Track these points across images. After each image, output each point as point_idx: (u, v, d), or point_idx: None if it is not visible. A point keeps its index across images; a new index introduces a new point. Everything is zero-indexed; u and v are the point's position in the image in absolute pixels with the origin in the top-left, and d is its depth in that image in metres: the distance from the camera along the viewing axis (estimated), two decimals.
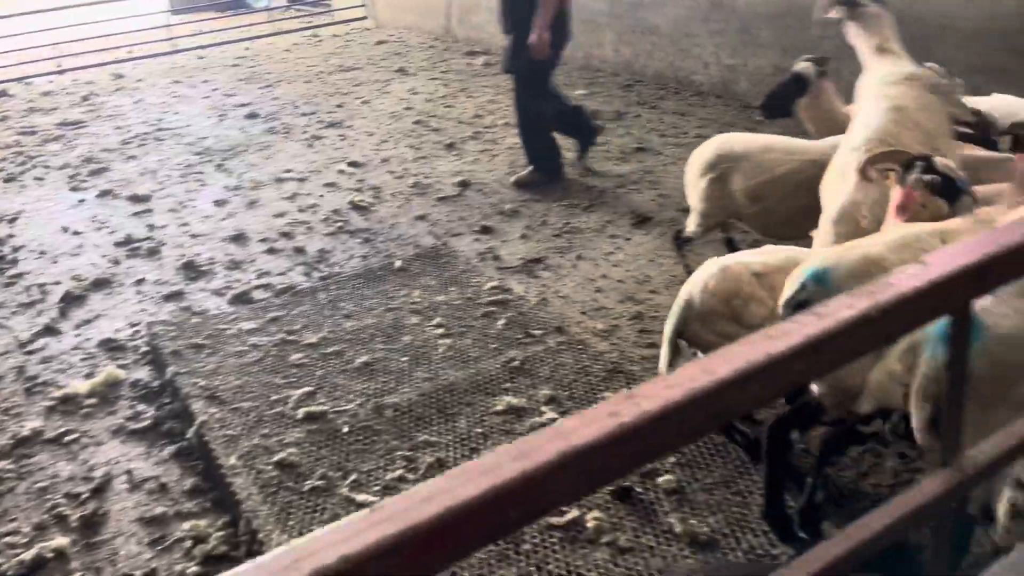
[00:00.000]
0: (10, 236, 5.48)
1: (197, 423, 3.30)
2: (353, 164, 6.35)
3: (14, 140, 7.58)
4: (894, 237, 2.39)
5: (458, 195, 5.65)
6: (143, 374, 3.82)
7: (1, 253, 5.22)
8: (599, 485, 0.77)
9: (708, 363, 0.83)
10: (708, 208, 3.86)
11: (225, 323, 4.07)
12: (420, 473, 2.94)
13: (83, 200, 6.04)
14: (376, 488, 2.90)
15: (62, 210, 5.89)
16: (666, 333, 2.82)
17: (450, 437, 3.14)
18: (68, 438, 3.40)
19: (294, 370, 3.61)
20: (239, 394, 3.46)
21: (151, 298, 4.54)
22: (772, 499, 2.51)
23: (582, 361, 3.57)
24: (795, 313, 0.92)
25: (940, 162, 2.54)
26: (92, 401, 3.63)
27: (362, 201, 5.61)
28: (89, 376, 3.81)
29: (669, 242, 4.45)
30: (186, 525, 2.88)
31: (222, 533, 2.83)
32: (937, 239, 2.30)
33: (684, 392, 0.79)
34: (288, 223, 5.38)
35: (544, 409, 3.25)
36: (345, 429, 3.19)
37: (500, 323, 3.91)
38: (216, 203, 5.81)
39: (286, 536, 2.68)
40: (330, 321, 4.01)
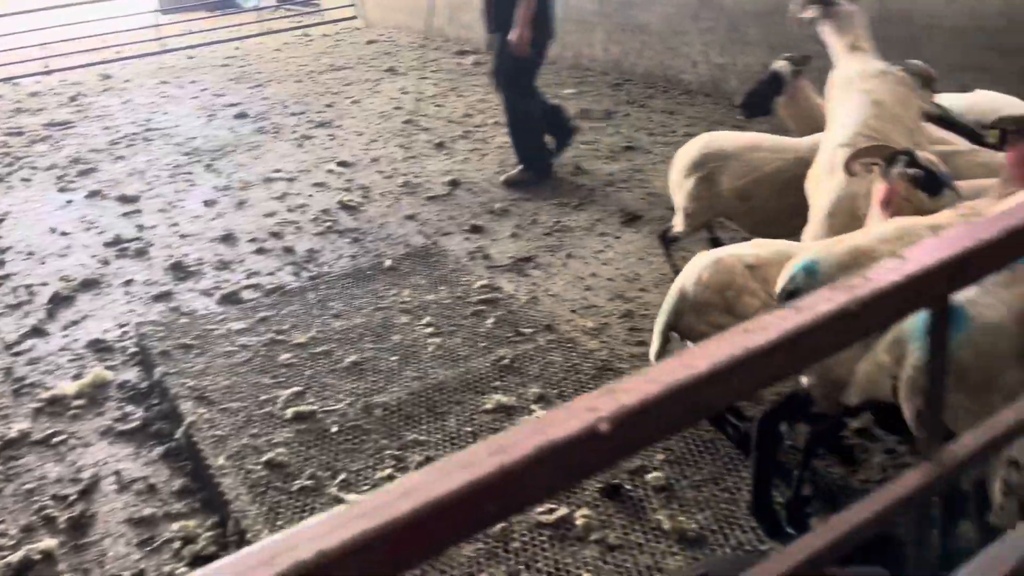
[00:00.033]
0: None
1: (186, 423, 3.29)
2: (342, 164, 6.34)
3: (1, 141, 7.54)
4: (884, 230, 2.40)
5: (448, 194, 5.65)
6: (131, 375, 3.81)
7: None
8: (578, 480, 0.77)
9: (687, 357, 0.83)
10: (695, 208, 3.86)
11: (214, 323, 4.06)
12: (410, 472, 2.94)
13: (71, 201, 6.02)
14: (365, 488, 2.90)
15: (50, 211, 5.86)
16: (658, 325, 2.82)
17: (439, 436, 3.14)
18: (56, 439, 3.39)
19: (283, 370, 3.60)
20: (228, 394, 3.45)
21: (140, 299, 4.52)
22: (760, 493, 2.52)
23: (572, 359, 3.57)
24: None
25: (922, 156, 2.56)
26: (80, 402, 3.61)
27: (351, 201, 5.60)
28: (77, 377, 3.79)
29: (658, 241, 4.46)
30: (175, 526, 2.87)
31: (211, 533, 2.83)
32: (927, 232, 2.32)
33: (662, 387, 0.79)
34: (277, 223, 5.37)
35: (534, 407, 3.25)
36: (334, 429, 3.19)
37: (490, 322, 3.91)
38: (205, 203, 5.79)
39: None
40: (319, 321, 4.00)
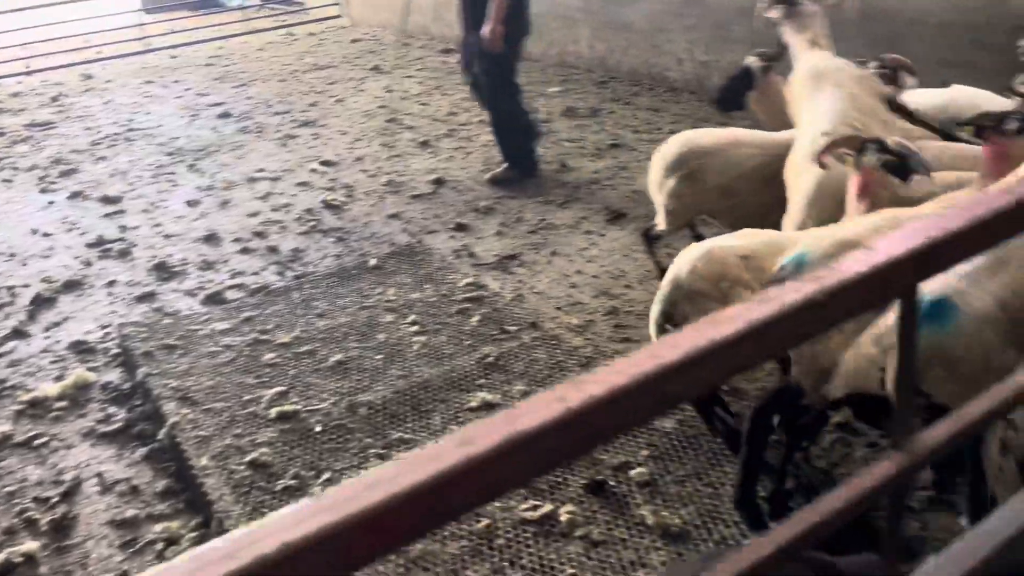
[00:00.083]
0: None
1: (169, 424, 3.28)
2: (326, 163, 6.32)
3: None
4: (871, 221, 2.42)
5: (433, 193, 5.64)
6: (114, 376, 3.79)
7: None
8: (546, 470, 0.77)
9: (655, 348, 0.83)
10: (678, 206, 3.85)
11: (197, 324, 4.04)
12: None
13: (53, 202, 5.97)
14: None
15: (31, 212, 5.81)
16: (653, 316, 2.83)
17: (424, 434, 3.14)
18: (37, 442, 3.37)
19: (267, 370, 3.59)
20: (211, 395, 3.44)
21: (122, 299, 4.50)
22: (746, 485, 2.53)
23: (556, 356, 3.58)
24: None
25: (892, 141, 2.60)
26: (62, 404, 3.59)
27: (335, 200, 5.59)
28: (59, 379, 3.77)
29: (640, 239, 4.46)
30: (158, 527, 2.86)
31: (194, 534, 2.82)
32: None
33: (630, 377, 0.79)
34: (261, 223, 5.35)
35: (518, 405, 3.25)
36: (318, 428, 3.18)
37: (475, 320, 3.91)
38: (188, 203, 5.76)
39: None
40: (303, 320, 3.99)
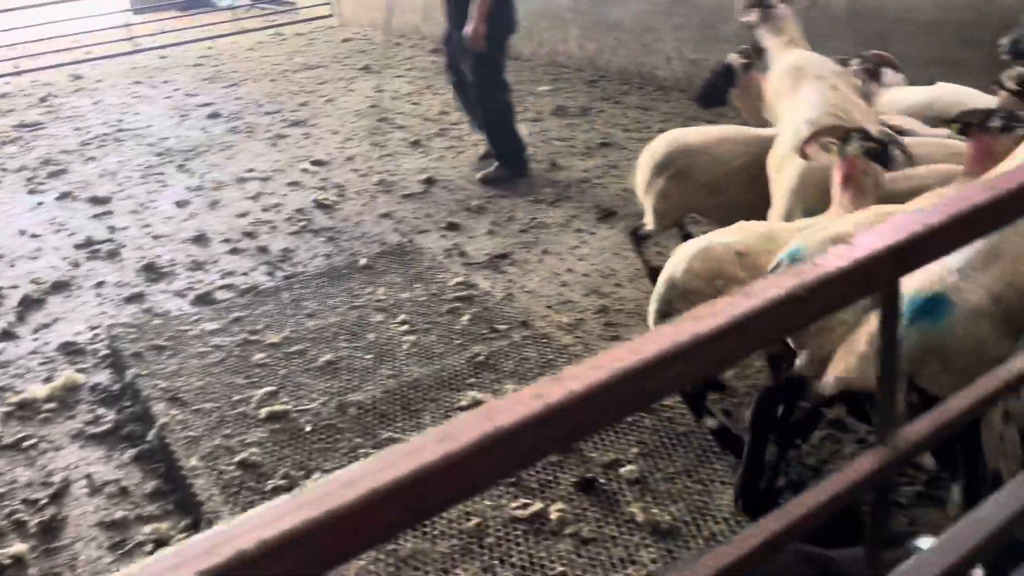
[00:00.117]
0: None
1: (158, 425, 3.27)
2: (317, 163, 6.30)
3: None
4: (865, 217, 2.44)
5: (424, 192, 5.64)
6: (103, 377, 3.77)
7: None
8: (525, 466, 0.77)
9: (635, 344, 0.84)
10: (666, 206, 3.84)
11: (187, 324, 4.03)
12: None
13: (41, 203, 5.95)
14: None
15: (20, 213, 5.79)
16: (650, 315, 2.83)
17: (414, 434, 3.13)
18: (26, 443, 3.35)
19: (257, 370, 3.58)
20: (201, 395, 3.43)
21: (111, 300, 4.48)
22: (751, 476, 2.52)
23: (547, 355, 3.58)
24: None
25: (876, 130, 2.64)
26: (51, 406, 3.57)
27: (326, 200, 5.58)
28: (47, 380, 3.75)
29: (629, 239, 4.45)
30: (147, 528, 2.85)
31: (184, 535, 2.81)
32: None
33: (609, 373, 0.80)
34: (251, 223, 5.34)
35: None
36: (308, 428, 3.18)
37: (465, 319, 3.91)
38: (178, 204, 5.74)
39: None
40: (293, 320, 3.99)
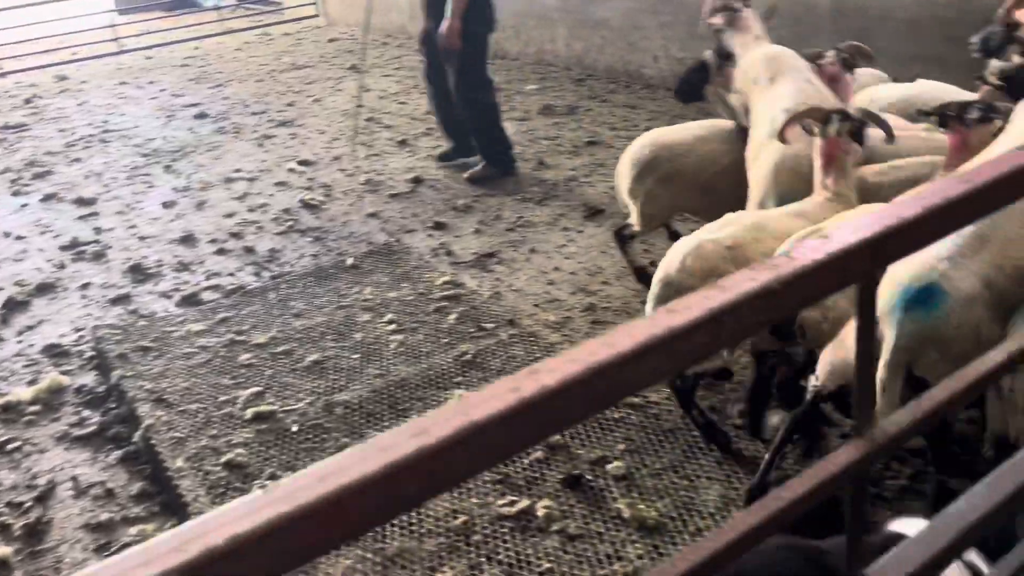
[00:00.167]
0: None
1: (144, 427, 3.25)
2: (304, 163, 6.29)
3: None
4: (856, 214, 2.47)
5: (411, 192, 5.63)
6: (88, 379, 3.75)
7: None
8: (501, 459, 0.77)
9: (610, 337, 0.84)
10: (654, 208, 3.85)
11: (173, 325, 4.01)
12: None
13: (26, 204, 5.91)
14: None
15: (4, 215, 5.75)
16: (648, 312, 2.84)
17: None
18: (11, 446, 3.33)
19: (243, 370, 3.57)
20: (187, 396, 3.41)
21: (97, 302, 4.45)
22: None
23: (534, 353, 3.58)
24: None
25: (855, 110, 2.76)
26: (35, 408, 3.55)
27: (313, 200, 5.56)
28: (32, 383, 3.73)
29: (614, 239, 4.42)
30: (133, 530, 2.84)
31: None
32: None
33: (584, 366, 0.80)
34: (238, 223, 5.32)
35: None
36: (295, 428, 3.17)
37: (452, 318, 3.91)
38: (164, 205, 5.72)
39: None
40: (280, 320, 3.98)
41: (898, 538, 1.41)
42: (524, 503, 2.66)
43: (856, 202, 2.81)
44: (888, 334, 2.19)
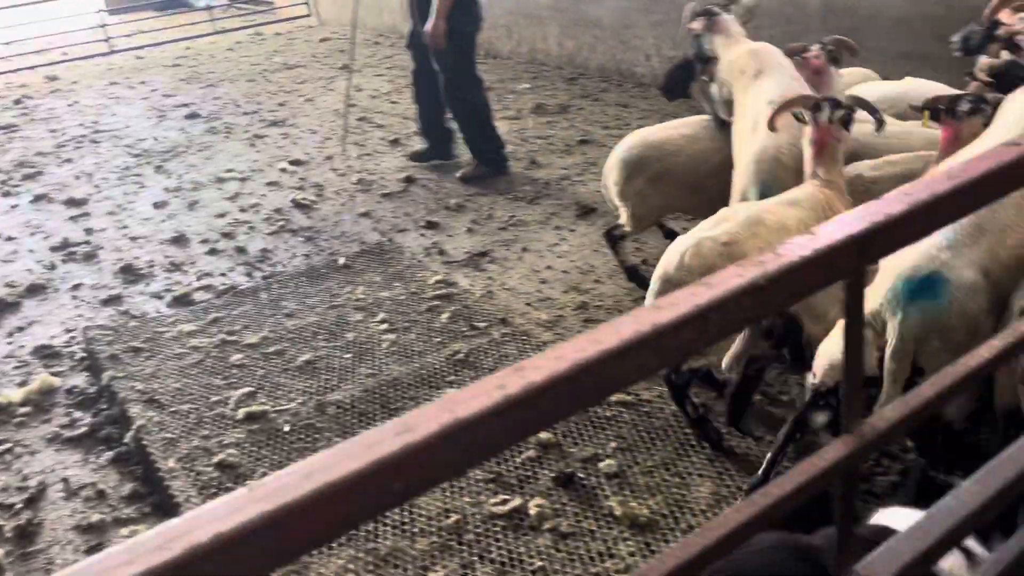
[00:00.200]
0: None
1: (135, 427, 3.24)
2: (296, 162, 6.28)
3: None
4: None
5: (403, 191, 5.62)
6: (79, 380, 3.74)
7: None
8: (487, 456, 0.77)
9: (597, 334, 0.84)
10: (646, 208, 3.85)
11: (164, 326, 4.00)
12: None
13: (16, 205, 5.89)
14: None
15: None
16: None
17: None
18: (1, 448, 3.31)
19: (235, 371, 3.56)
20: (178, 397, 3.40)
21: (88, 303, 4.44)
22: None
23: (526, 352, 3.58)
24: None
25: (845, 97, 2.81)
26: (26, 410, 3.54)
27: (305, 199, 5.55)
28: (23, 384, 3.71)
29: (604, 240, 4.38)
30: (124, 531, 2.82)
31: None
32: None
33: (570, 363, 0.80)
34: (229, 223, 5.30)
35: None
36: (286, 428, 3.16)
37: (444, 317, 3.91)
38: (155, 205, 5.70)
39: None
40: (272, 320, 3.97)
41: (885, 530, 1.41)
42: (516, 502, 2.65)
43: (846, 190, 2.83)
44: (892, 325, 2.19)
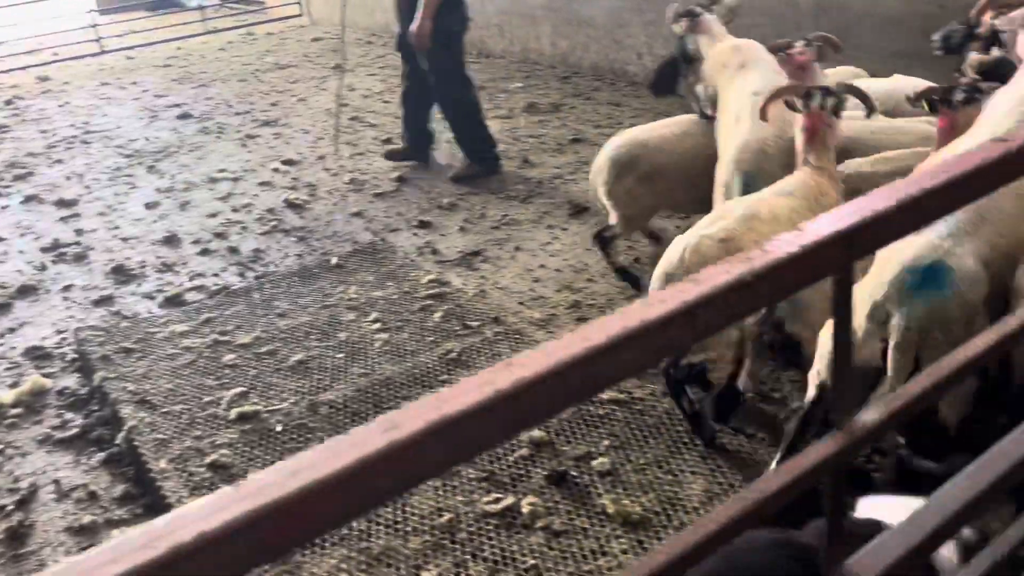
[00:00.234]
0: None
1: (127, 428, 3.23)
2: (288, 162, 6.26)
3: None
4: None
5: (395, 190, 5.62)
6: (71, 381, 3.72)
7: None
8: (474, 454, 0.77)
9: (586, 331, 0.84)
10: (636, 208, 3.84)
11: (156, 326, 3.99)
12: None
13: (6, 206, 5.86)
14: None
15: None
16: None
17: None
18: None
19: (227, 371, 3.55)
20: (170, 397, 3.39)
21: (79, 304, 4.42)
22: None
23: (519, 350, 3.55)
24: None
25: (835, 84, 2.86)
26: (17, 411, 3.52)
27: (297, 199, 5.54)
28: (14, 386, 3.69)
29: (594, 242, 4.32)
30: (116, 533, 2.81)
31: None
32: None
33: (559, 360, 0.80)
34: (222, 223, 5.29)
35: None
36: (279, 428, 3.15)
37: (437, 316, 3.90)
38: (147, 205, 5.68)
39: None
40: (264, 320, 3.96)
41: (871, 522, 1.41)
42: (509, 500, 2.65)
43: (837, 176, 2.86)
44: (897, 316, 2.18)
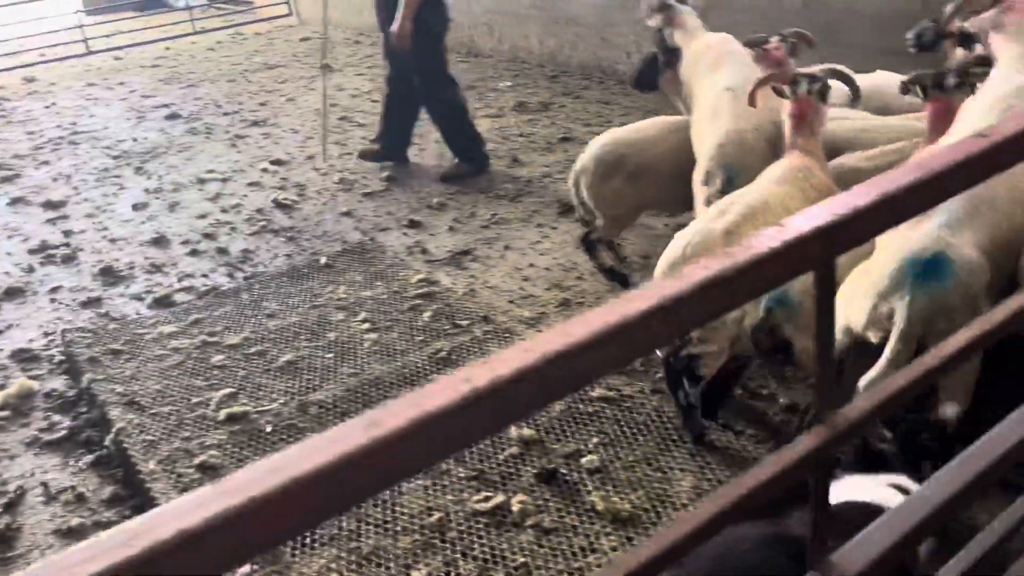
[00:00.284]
0: None
1: (115, 430, 3.21)
2: (277, 162, 6.25)
3: None
4: None
5: (385, 190, 5.61)
6: (58, 383, 3.70)
7: None
8: (455, 450, 0.77)
9: (566, 327, 0.84)
10: (622, 209, 3.85)
11: (145, 328, 3.97)
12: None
13: None
14: None
15: None
16: None
17: None
18: None
19: (216, 372, 3.54)
20: (159, 399, 3.38)
21: (67, 306, 4.40)
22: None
23: None
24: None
25: (821, 71, 2.91)
26: (4, 414, 3.50)
27: (286, 199, 5.53)
28: (1, 388, 3.67)
29: (580, 246, 4.27)
30: (104, 535, 2.80)
31: None
32: None
33: (539, 356, 0.80)
34: (211, 224, 5.27)
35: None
36: (268, 429, 3.15)
37: (427, 315, 3.90)
38: (135, 207, 5.66)
39: None
40: (253, 321, 3.95)
41: (850, 505, 1.42)
42: (499, 498, 2.66)
43: (824, 158, 2.89)
44: (900, 308, 2.16)
